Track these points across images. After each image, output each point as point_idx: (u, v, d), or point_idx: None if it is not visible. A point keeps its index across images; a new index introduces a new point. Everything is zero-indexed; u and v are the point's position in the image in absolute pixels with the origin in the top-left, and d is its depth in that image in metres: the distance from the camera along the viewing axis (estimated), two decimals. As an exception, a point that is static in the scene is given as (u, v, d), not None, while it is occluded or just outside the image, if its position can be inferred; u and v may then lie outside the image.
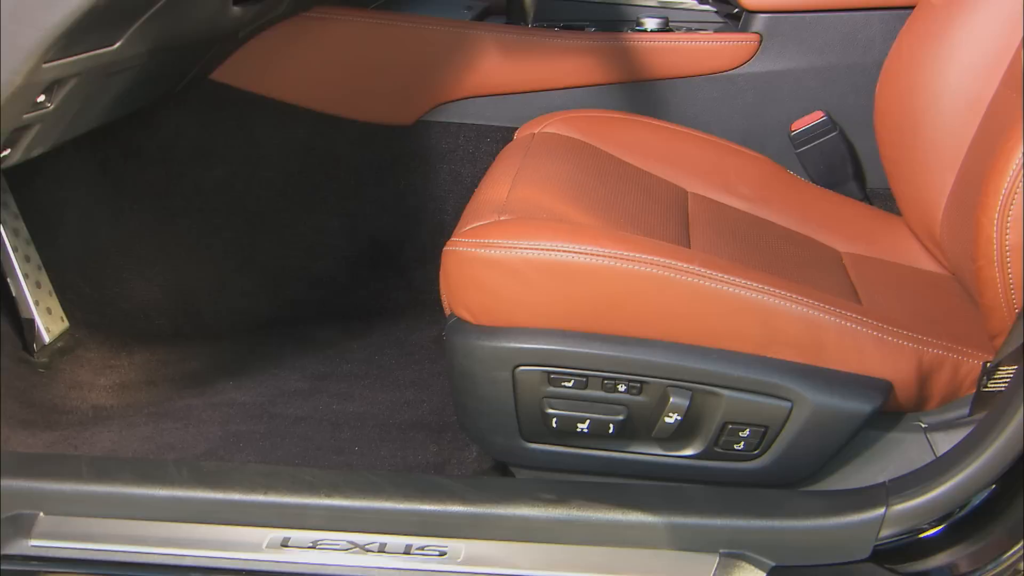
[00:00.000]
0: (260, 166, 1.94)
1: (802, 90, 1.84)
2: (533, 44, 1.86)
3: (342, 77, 1.90)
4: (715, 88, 1.86)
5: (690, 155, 1.71)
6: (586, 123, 1.71)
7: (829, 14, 1.81)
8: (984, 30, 1.54)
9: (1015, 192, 1.14)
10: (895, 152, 1.66)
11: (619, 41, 1.85)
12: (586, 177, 1.52)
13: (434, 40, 1.87)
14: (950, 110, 1.57)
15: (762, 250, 1.49)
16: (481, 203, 1.40)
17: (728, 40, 1.84)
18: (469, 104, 1.90)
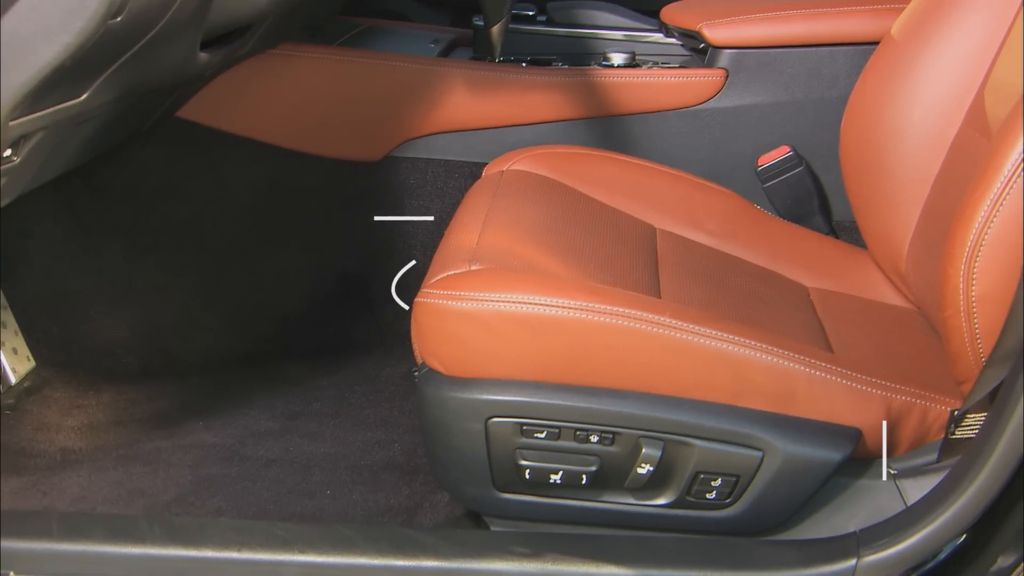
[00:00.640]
0: (227, 203, 1.93)
1: (768, 124, 1.85)
2: (500, 80, 1.86)
3: (309, 114, 1.89)
4: (682, 123, 1.87)
5: (658, 191, 1.72)
6: (554, 159, 1.72)
7: (794, 50, 1.83)
8: (947, 68, 1.55)
9: (980, 244, 1.16)
10: (860, 187, 1.68)
11: (586, 77, 1.86)
12: (555, 219, 1.52)
13: (401, 77, 1.87)
14: (914, 147, 1.59)
15: (731, 291, 1.50)
16: (451, 249, 1.40)
17: (694, 76, 1.85)
18: (437, 140, 1.90)
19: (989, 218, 1.15)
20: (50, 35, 1.09)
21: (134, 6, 1.14)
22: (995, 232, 1.15)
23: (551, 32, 2.05)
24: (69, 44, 1.11)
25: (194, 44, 1.41)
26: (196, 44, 1.41)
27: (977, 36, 1.53)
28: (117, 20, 1.13)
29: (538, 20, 2.08)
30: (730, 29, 1.83)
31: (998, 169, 1.15)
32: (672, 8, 1.99)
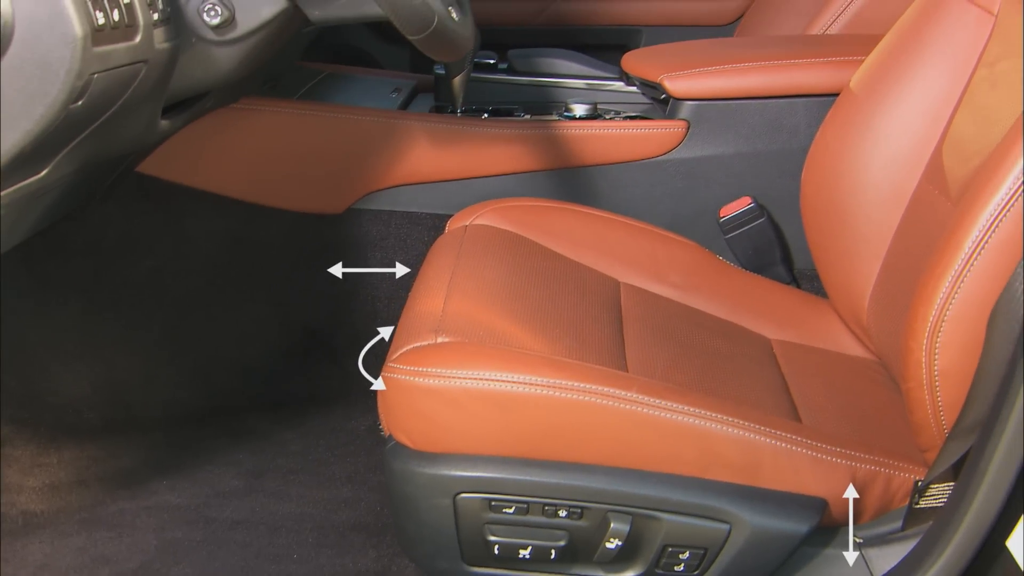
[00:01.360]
0: (189, 257, 1.92)
1: (730, 175, 1.86)
2: (463, 133, 1.86)
3: (270, 167, 1.88)
4: (644, 174, 1.87)
5: (621, 243, 1.72)
6: (517, 213, 1.72)
7: (754, 101, 1.84)
8: (905, 123, 1.57)
9: (942, 320, 1.17)
10: (821, 238, 1.69)
11: (549, 129, 1.86)
12: (520, 280, 1.52)
13: (363, 130, 1.86)
14: (874, 200, 1.60)
15: (695, 350, 1.51)
16: (416, 318, 1.39)
17: (656, 127, 1.86)
18: (400, 192, 1.90)
19: (950, 295, 1.16)
20: (11, 121, 1.09)
21: (95, 89, 1.14)
22: (956, 309, 1.16)
23: (513, 81, 2.05)
24: (30, 131, 1.10)
25: (155, 113, 1.40)
26: (157, 113, 1.40)
27: (934, 91, 1.54)
28: (79, 104, 1.12)
29: (499, 68, 2.08)
30: (691, 81, 1.84)
31: (958, 245, 1.16)
32: (633, 57, 2.00)
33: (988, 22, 1.49)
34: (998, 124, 1.38)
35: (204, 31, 1.36)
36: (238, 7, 1.35)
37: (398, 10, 1.24)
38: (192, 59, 1.37)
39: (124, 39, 1.16)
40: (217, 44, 1.37)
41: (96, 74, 1.12)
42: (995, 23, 1.49)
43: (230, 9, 1.35)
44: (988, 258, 1.15)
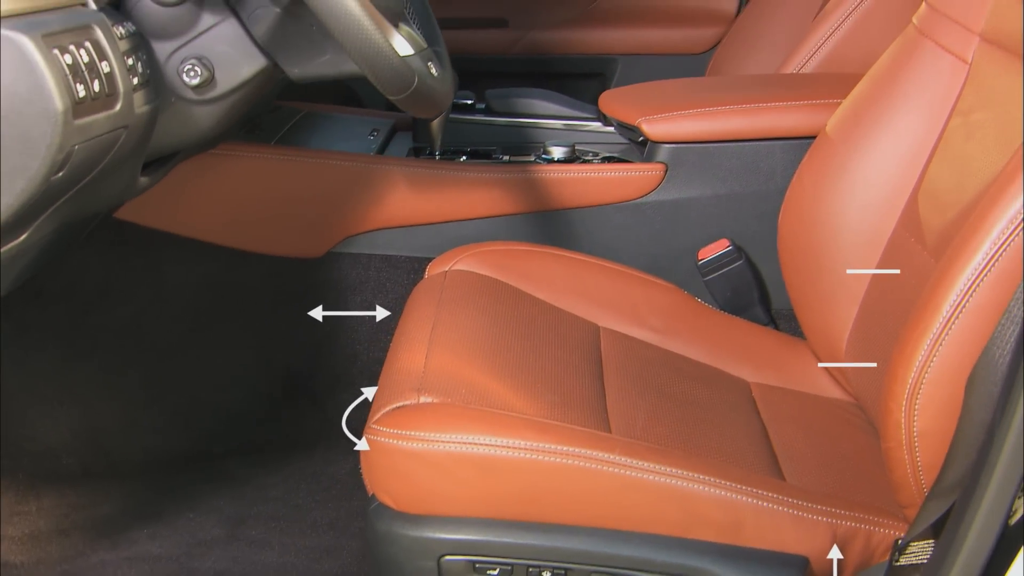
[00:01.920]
0: (168, 302, 1.92)
1: (708, 217, 1.88)
2: (441, 178, 1.86)
3: (249, 212, 1.88)
4: (623, 216, 1.88)
5: (600, 287, 1.73)
6: (497, 257, 1.73)
7: (732, 144, 1.85)
8: (880, 168, 1.58)
9: (921, 383, 1.18)
10: (799, 281, 1.70)
11: (527, 173, 1.87)
12: (501, 331, 1.53)
13: (341, 175, 1.87)
14: (851, 245, 1.61)
15: (675, 400, 1.52)
16: (398, 373, 1.40)
17: (634, 170, 1.86)
18: (379, 235, 1.90)
19: (929, 358, 1.17)
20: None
21: (76, 159, 1.13)
22: (935, 371, 1.17)
23: (491, 122, 2.05)
24: (11, 205, 1.10)
25: (135, 172, 1.40)
26: (137, 171, 1.40)
27: (909, 138, 1.56)
28: (59, 175, 1.12)
29: (477, 108, 2.09)
30: (668, 124, 1.85)
31: (936, 308, 1.17)
32: (610, 97, 2.01)
33: (962, 70, 1.51)
34: (974, 176, 1.39)
35: (184, 91, 1.36)
36: (218, 67, 1.35)
37: (378, 72, 1.25)
38: (172, 118, 1.37)
39: (105, 108, 1.16)
40: (197, 103, 1.37)
41: (77, 145, 1.12)
42: (969, 71, 1.50)
43: (210, 69, 1.35)
44: (966, 322, 1.16)
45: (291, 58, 1.38)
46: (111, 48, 1.17)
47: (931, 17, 1.58)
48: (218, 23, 1.34)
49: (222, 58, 1.35)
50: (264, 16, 1.33)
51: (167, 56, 1.34)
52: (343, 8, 1.18)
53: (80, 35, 1.13)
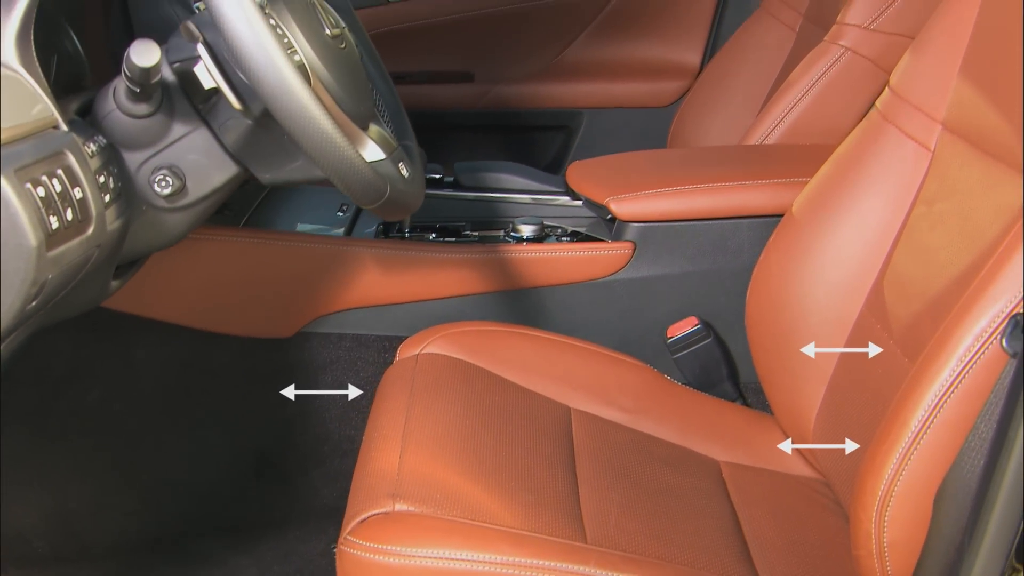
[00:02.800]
0: (138, 385, 1.91)
1: (676, 293, 1.89)
2: (411, 259, 1.87)
3: (218, 295, 1.88)
4: (592, 294, 1.90)
5: (571, 367, 1.75)
6: (468, 338, 1.73)
7: (699, 222, 1.87)
8: (846, 251, 1.60)
9: (891, 495, 1.20)
10: (766, 359, 1.72)
11: (496, 252, 1.88)
12: (474, 423, 1.54)
13: (310, 257, 1.87)
14: (818, 325, 1.63)
15: (647, 491, 1.53)
16: (372, 476, 1.40)
17: (603, 249, 1.88)
18: (349, 315, 1.90)
19: (898, 472, 1.19)
20: (-34, 331, 1.08)
21: (49, 287, 1.14)
22: (904, 485, 1.19)
23: (459, 197, 2.06)
24: (-15, 338, 1.10)
25: (106, 279, 1.40)
26: (108, 278, 1.40)
27: (873, 222, 1.58)
28: (33, 304, 1.12)
29: (445, 182, 2.10)
30: (636, 204, 1.87)
31: (904, 424, 1.19)
32: (577, 172, 2.02)
33: (926, 157, 1.53)
34: (939, 269, 1.41)
35: (155, 200, 1.36)
36: (189, 175, 1.35)
37: (351, 185, 1.25)
38: (143, 226, 1.37)
39: (78, 234, 1.16)
40: (168, 211, 1.37)
41: (51, 275, 1.12)
42: (932, 159, 1.52)
43: (181, 178, 1.35)
44: (934, 437, 1.18)
45: (262, 165, 1.38)
46: (83, 173, 1.17)
47: (894, 102, 1.60)
48: (189, 133, 1.34)
49: (193, 167, 1.35)
50: (235, 126, 1.33)
51: (138, 166, 1.34)
52: (314, 125, 1.19)
53: (53, 163, 1.13)
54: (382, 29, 2.90)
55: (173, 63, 1.32)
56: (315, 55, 1.31)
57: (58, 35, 1.51)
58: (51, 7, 1.27)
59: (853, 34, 2.09)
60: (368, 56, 1.63)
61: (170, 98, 1.32)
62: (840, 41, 2.09)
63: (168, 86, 1.32)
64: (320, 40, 1.35)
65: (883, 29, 2.06)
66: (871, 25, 2.07)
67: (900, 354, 1.44)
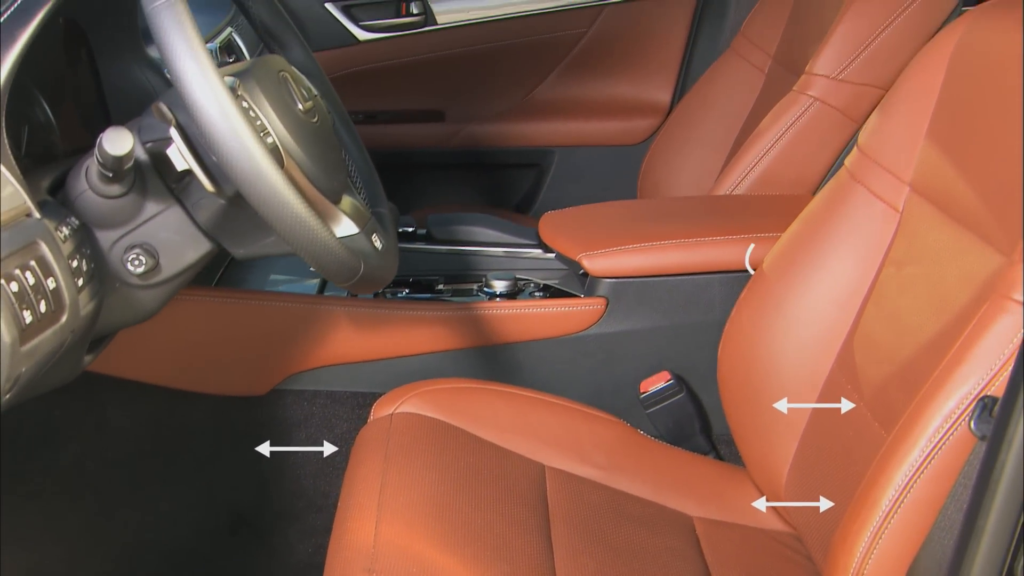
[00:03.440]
0: (111, 445, 1.91)
1: (648, 348, 1.90)
2: (384, 317, 1.88)
3: (191, 354, 1.88)
4: (565, 349, 1.91)
5: (545, 424, 1.75)
6: (442, 396, 1.74)
7: (671, 278, 1.88)
8: (816, 309, 1.61)
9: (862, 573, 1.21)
10: (738, 414, 1.73)
11: (469, 310, 1.89)
12: (449, 488, 1.55)
13: (283, 315, 1.87)
14: (790, 383, 1.64)
15: (622, 554, 1.54)
16: (347, 550, 1.40)
17: (575, 305, 1.89)
18: (323, 372, 1.91)
19: (869, 550, 1.20)
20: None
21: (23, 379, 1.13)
22: (875, 563, 1.20)
23: (432, 250, 2.07)
24: (-42, 433, 1.09)
25: (79, 356, 1.39)
26: (81, 356, 1.40)
27: (843, 281, 1.59)
28: (7, 397, 1.12)
29: (418, 235, 2.10)
30: (608, 260, 1.88)
31: (875, 504, 1.20)
32: (549, 225, 2.03)
33: (894, 218, 1.54)
34: (908, 334, 1.42)
35: (128, 278, 1.35)
36: (162, 253, 1.35)
37: (325, 266, 1.26)
38: (116, 303, 1.37)
39: (51, 324, 1.16)
40: (141, 288, 1.37)
41: (25, 368, 1.12)
42: (900, 220, 1.54)
43: (154, 256, 1.35)
44: (905, 517, 1.19)
45: (236, 241, 1.39)
46: (56, 261, 1.17)
47: (862, 162, 1.62)
48: (162, 211, 1.34)
49: (167, 245, 1.35)
50: (208, 205, 1.33)
51: (111, 244, 1.34)
52: (288, 210, 1.19)
53: (26, 255, 1.13)
54: (353, 69, 2.90)
55: (146, 143, 1.32)
56: (288, 134, 1.32)
57: (29, 104, 1.51)
58: (22, 76, 1.26)
59: (821, 84, 2.10)
60: (340, 120, 1.64)
61: (143, 177, 1.32)
62: (809, 91, 2.11)
63: (141, 165, 1.32)
64: (293, 117, 1.35)
65: (851, 80, 2.08)
66: (839, 76, 2.09)
67: (870, 417, 1.46)
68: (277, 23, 1.58)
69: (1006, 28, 1.40)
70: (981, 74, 1.42)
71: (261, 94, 1.31)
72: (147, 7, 1.18)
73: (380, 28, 2.89)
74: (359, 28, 2.88)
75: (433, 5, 2.89)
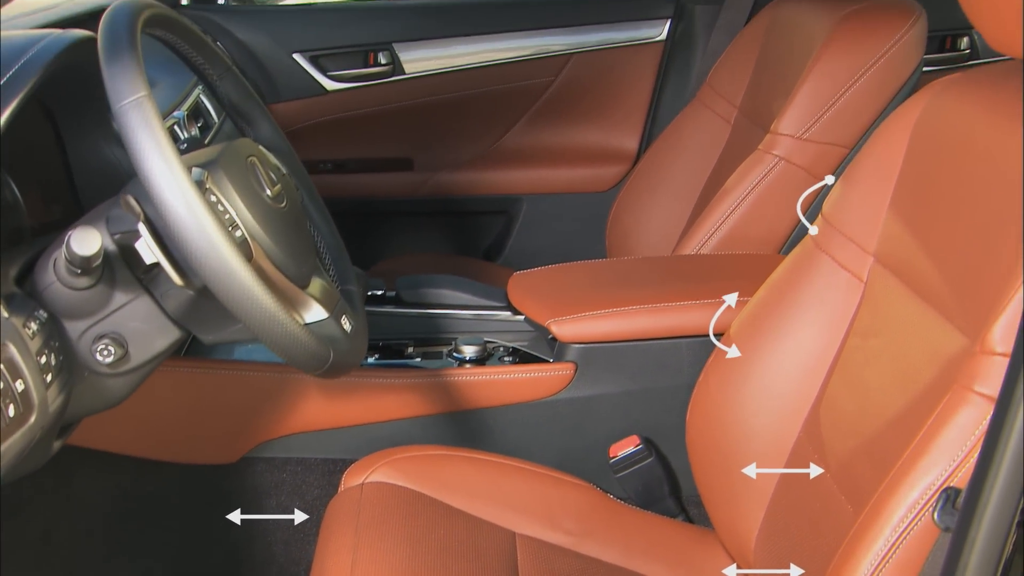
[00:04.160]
0: (80, 517, 1.90)
1: (617, 412, 1.91)
2: (355, 384, 1.88)
3: (159, 423, 1.88)
4: (535, 414, 1.91)
5: (516, 490, 1.76)
6: (413, 464, 1.74)
7: (639, 343, 1.89)
8: (783, 377, 1.62)
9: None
10: (707, 478, 1.74)
11: (439, 377, 1.89)
12: (420, 564, 1.55)
13: (253, 385, 1.87)
14: (758, 448, 1.66)
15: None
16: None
17: (544, 371, 1.90)
18: (293, 439, 1.90)
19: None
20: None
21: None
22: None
23: (402, 314, 2.07)
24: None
25: (48, 444, 1.39)
26: (50, 445, 1.39)
27: (807, 349, 1.61)
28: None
29: (387, 297, 2.11)
30: (577, 325, 1.89)
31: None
32: (519, 285, 2.04)
33: (858, 288, 1.56)
34: (874, 408, 1.43)
35: (97, 367, 1.35)
36: (131, 342, 1.35)
37: (295, 357, 1.26)
38: (85, 391, 1.37)
39: (20, 426, 1.15)
40: (110, 376, 1.37)
41: (-6, 472, 1.11)
42: (864, 290, 1.55)
43: (123, 346, 1.35)
44: (871, 607, 1.20)
45: (205, 328, 1.39)
46: (25, 362, 1.17)
47: (827, 232, 1.63)
48: (130, 301, 1.34)
49: (135, 334, 1.35)
50: (177, 294, 1.33)
51: (79, 335, 1.33)
52: (257, 306, 1.20)
53: (-6, 358, 1.13)
54: (322, 118, 2.91)
55: (114, 234, 1.32)
56: (257, 225, 1.32)
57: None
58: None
59: (786, 143, 2.13)
60: (308, 196, 1.64)
61: (111, 267, 1.32)
62: (774, 150, 2.13)
63: (109, 255, 1.32)
64: (261, 206, 1.36)
65: (815, 139, 2.11)
66: (803, 135, 2.11)
67: (837, 490, 1.47)
68: (245, 100, 1.59)
69: (968, 102, 1.41)
70: (942, 148, 1.44)
71: (230, 185, 1.32)
72: (115, 105, 1.18)
73: (348, 78, 2.90)
74: (327, 78, 2.89)
75: (401, 55, 2.90)
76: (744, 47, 2.56)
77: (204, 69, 1.53)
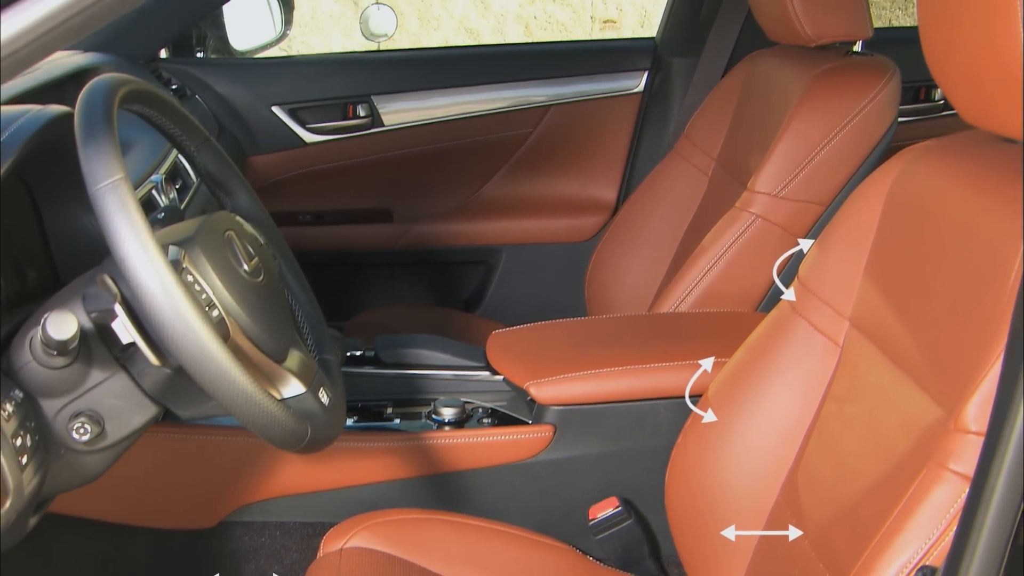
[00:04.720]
0: (57, 583, 1.89)
1: (596, 473, 1.92)
2: (334, 448, 1.84)
3: (136, 488, 1.87)
4: (513, 476, 1.91)
5: (495, 554, 1.76)
6: (391, 529, 1.74)
7: (618, 405, 1.90)
8: (760, 440, 1.63)
9: None
10: (687, 539, 1.74)
11: (418, 440, 1.89)
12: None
13: (232, 449, 1.87)
14: (736, 510, 1.66)
15: None
16: None
17: (523, 433, 1.90)
18: (272, 504, 1.90)
19: None
20: None
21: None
22: None
23: (381, 375, 2.07)
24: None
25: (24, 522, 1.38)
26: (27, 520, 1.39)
27: (786, 411, 1.61)
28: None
29: (366, 357, 2.11)
30: (555, 387, 1.89)
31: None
32: (497, 344, 2.04)
33: (835, 352, 1.56)
34: (851, 475, 1.44)
35: (73, 444, 1.35)
36: (108, 419, 1.35)
37: (272, 436, 1.26)
38: (61, 469, 1.36)
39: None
40: (87, 454, 1.37)
41: (-33, 561, 1.11)
42: (841, 355, 1.56)
43: (100, 423, 1.34)
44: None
45: (182, 404, 1.38)
46: (1, 446, 1.17)
47: (803, 295, 1.64)
48: (107, 378, 1.34)
49: (112, 411, 1.35)
50: (154, 372, 1.33)
51: (55, 413, 1.33)
52: (235, 387, 1.20)
53: (-33, 446, 1.13)
54: (301, 171, 2.91)
55: (91, 312, 1.32)
56: (234, 302, 1.32)
57: (-28, 257, 1.50)
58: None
59: (763, 201, 2.14)
60: (286, 265, 1.64)
61: (88, 345, 1.32)
62: (751, 208, 2.15)
63: (86, 333, 1.32)
64: (239, 282, 1.36)
65: (791, 197, 2.12)
66: (779, 193, 2.12)
67: (815, 557, 1.47)
68: (223, 171, 1.59)
69: (940, 171, 1.42)
70: (915, 216, 1.45)
71: (207, 263, 1.32)
72: (91, 188, 1.19)
73: (327, 130, 2.91)
74: (306, 131, 2.90)
75: (380, 107, 2.91)
76: (721, 100, 2.58)
77: (182, 141, 1.54)
